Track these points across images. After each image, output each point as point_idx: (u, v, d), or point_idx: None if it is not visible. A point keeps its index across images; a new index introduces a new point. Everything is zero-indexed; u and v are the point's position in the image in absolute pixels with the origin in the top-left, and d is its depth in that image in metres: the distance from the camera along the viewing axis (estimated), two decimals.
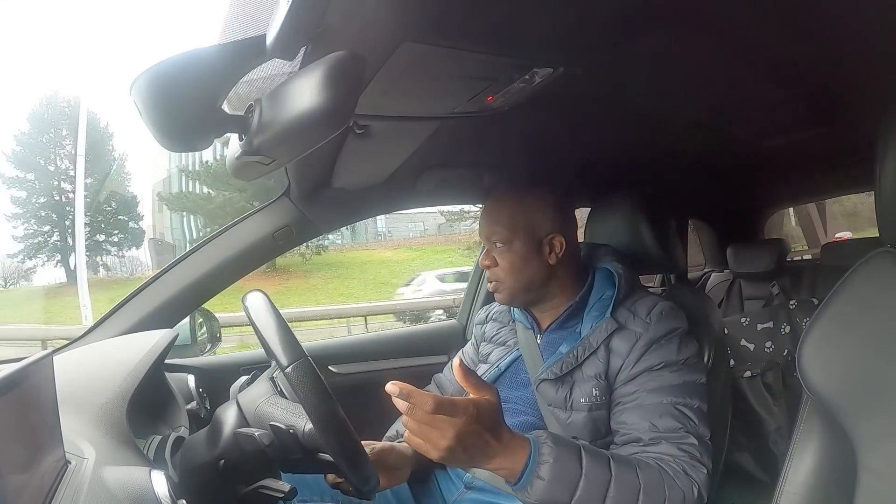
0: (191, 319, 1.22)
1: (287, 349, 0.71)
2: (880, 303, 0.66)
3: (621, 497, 0.75)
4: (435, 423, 0.67)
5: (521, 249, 0.97)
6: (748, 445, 1.59)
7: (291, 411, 0.75)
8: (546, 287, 1.00)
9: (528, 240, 0.98)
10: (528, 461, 0.73)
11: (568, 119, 1.04)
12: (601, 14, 0.62)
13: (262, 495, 0.74)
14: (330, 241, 19.16)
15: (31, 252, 20.16)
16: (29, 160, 20.23)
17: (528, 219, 0.98)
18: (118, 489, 0.56)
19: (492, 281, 1.01)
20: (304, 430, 0.73)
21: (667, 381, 0.87)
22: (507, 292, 1.00)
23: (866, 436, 0.64)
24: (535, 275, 0.98)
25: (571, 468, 0.74)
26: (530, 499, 0.73)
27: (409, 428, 0.69)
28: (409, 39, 0.58)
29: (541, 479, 0.72)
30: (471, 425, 0.68)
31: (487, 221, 1.01)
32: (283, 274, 18.03)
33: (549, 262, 0.98)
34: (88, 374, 0.84)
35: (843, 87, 0.99)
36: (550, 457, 0.73)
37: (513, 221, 0.98)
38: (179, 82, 0.50)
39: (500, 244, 0.99)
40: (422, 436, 0.68)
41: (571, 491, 0.73)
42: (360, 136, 0.90)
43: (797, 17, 0.70)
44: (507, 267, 0.98)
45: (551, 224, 0.99)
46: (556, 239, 0.99)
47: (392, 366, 1.50)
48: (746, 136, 1.26)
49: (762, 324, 1.73)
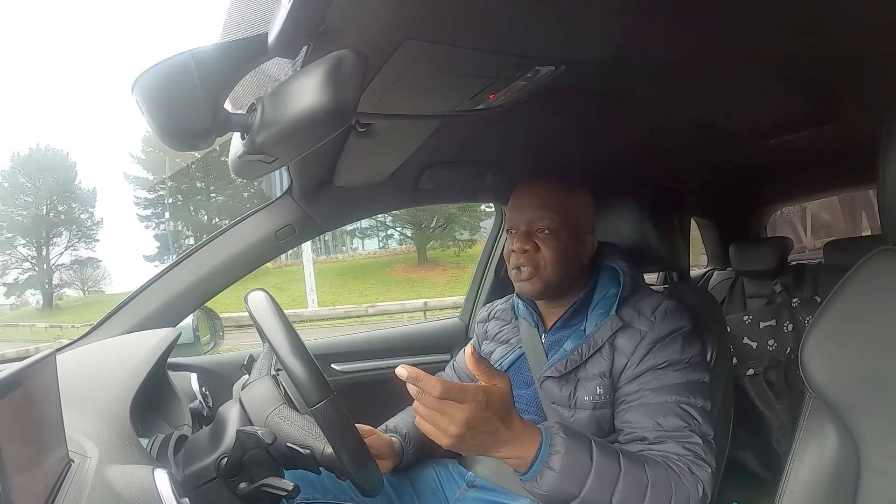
0: (193, 318, 1.22)
1: (314, 385, 0.72)
2: (883, 301, 0.66)
3: (629, 492, 0.74)
4: (444, 408, 0.66)
5: (567, 241, 0.95)
6: (751, 443, 1.59)
7: (306, 429, 0.77)
8: (571, 285, 0.99)
9: (575, 233, 0.96)
10: (538, 451, 0.72)
11: (570, 117, 1.04)
12: (603, 11, 0.62)
13: (265, 493, 0.74)
14: (479, 234, 20.47)
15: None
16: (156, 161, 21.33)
17: (578, 212, 0.97)
18: (121, 488, 0.56)
19: (525, 268, 0.95)
20: (323, 454, 0.75)
21: (671, 380, 0.87)
22: (540, 283, 0.96)
23: (869, 434, 0.64)
24: (570, 270, 0.97)
25: (582, 460, 0.74)
26: (540, 490, 0.73)
27: (420, 413, 0.69)
28: (411, 37, 0.57)
29: (551, 469, 0.72)
30: (481, 412, 0.67)
31: (534, 205, 0.96)
32: (439, 265, 20.82)
33: (582, 260, 0.98)
34: (92, 373, 0.84)
35: (847, 84, 0.98)
36: (562, 447, 0.73)
37: (567, 210, 0.95)
38: (181, 81, 0.50)
39: (547, 231, 0.95)
40: (431, 421, 0.68)
41: (581, 483, 0.73)
42: (362, 134, 0.90)
43: (800, 15, 0.70)
44: (552, 256, 0.94)
45: (591, 222, 0.99)
46: (590, 239, 0.99)
47: (395, 364, 1.49)
48: (749, 134, 1.26)
49: (765, 322, 1.72)
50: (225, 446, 0.75)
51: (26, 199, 24.48)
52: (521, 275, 0.96)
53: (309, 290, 14.97)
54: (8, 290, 25.28)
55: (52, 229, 24.74)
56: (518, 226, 0.97)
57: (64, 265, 25.36)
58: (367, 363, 1.49)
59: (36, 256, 24.64)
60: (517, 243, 0.95)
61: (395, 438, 1.02)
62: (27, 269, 24.78)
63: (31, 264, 24.67)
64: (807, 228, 6.40)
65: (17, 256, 24.70)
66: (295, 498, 0.79)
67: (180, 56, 0.50)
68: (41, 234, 24.51)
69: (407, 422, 1.06)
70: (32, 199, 24.50)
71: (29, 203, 24.51)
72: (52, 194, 24.40)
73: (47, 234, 24.66)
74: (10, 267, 24.76)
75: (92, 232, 25.72)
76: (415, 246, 21.63)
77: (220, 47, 0.53)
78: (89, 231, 25.62)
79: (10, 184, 24.29)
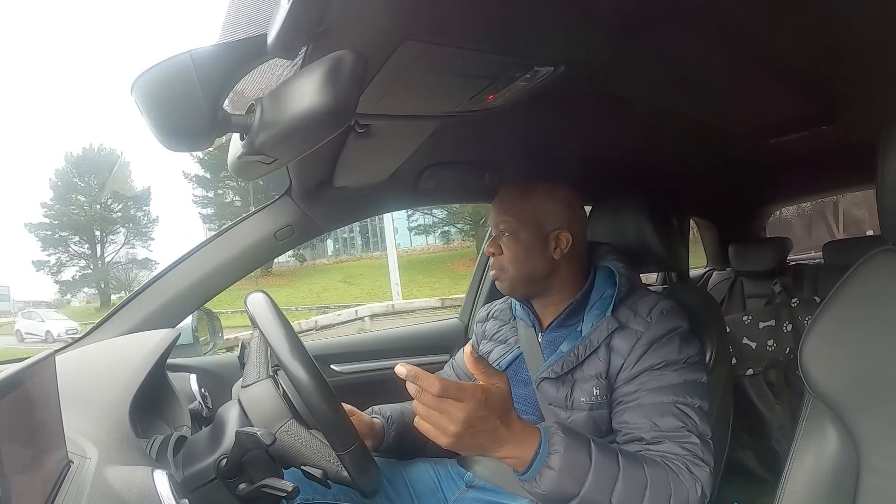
0: (193, 319, 1.22)
1: (342, 433, 0.75)
2: (882, 301, 0.66)
3: (628, 492, 0.74)
4: (443, 406, 0.67)
5: (526, 241, 0.98)
6: (750, 443, 1.59)
7: (318, 450, 0.77)
8: (547, 282, 1.00)
9: (535, 232, 0.98)
10: (537, 450, 0.73)
11: (569, 117, 1.04)
12: (603, 12, 0.62)
13: (265, 494, 0.74)
14: None
15: None
16: (217, 159, 21.74)
17: (537, 211, 0.99)
18: (121, 489, 0.56)
19: (494, 269, 1.03)
20: (338, 475, 0.77)
21: (668, 381, 0.87)
22: (508, 282, 1.01)
23: (869, 434, 0.64)
24: (538, 268, 0.99)
25: (581, 459, 0.74)
26: (539, 489, 0.73)
27: (419, 412, 0.69)
28: (410, 38, 0.57)
29: (550, 468, 0.72)
30: (480, 410, 0.67)
31: (497, 210, 1.02)
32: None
33: (553, 256, 0.99)
34: (91, 374, 0.84)
35: (846, 84, 0.98)
36: (561, 447, 0.73)
37: (521, 212, 0.99)
38: (180, 82, 0.50)
39: (507, 233, 1.00)
40: (430, 420, 0.68)
41: (580, 483, 0.73)
42: (362, 135, 0.90)
43: (800, 15, 0.70)
44: (511, 257, 0.99)
45: (560, 219, 0.99)
46: (563, 234, 0.99)
47: (394, 364, 1.49)
48: (748, 134, 1.26)
49: (764, 322, 1.72)
50: (224, 447, 0.75)
51: (79, 199, 24.77)
52: (493, 275, 1.04)
53: (393, 283, 15.32)
54: (65, 288, 25.49)
55: (109, 227, 25.02)
56: (493, 231, 1.04)
57: (119, 263, 25.76)
58: (366, 363, 1.49)
59: (90, 255, 24.87)
60: (487, 248, 1.04)
61: (377, 419, 1.05)
62: (83, 268, 25.06)
63: (87, 262, 24.92)
64: (839, 224, 6.41)
65: (72, 254, 24.95)
66: (294, 498, 0.79)
67: (179, 57, 0.50)
68: (96, 232, 24.81)
69: (394, 407, 1.09)
70: (85, 199, 24.80)
71: (82, 202, 24.82)
72: (106, 193, 24.68)
73: (102, 233, 24.96)
74: (65, 265, 25.02)
75: (147, 230, 26.03)
76: (472, 241, 21.99)
77: (220, 48, 0.53)
78: (145, 229, 25.93)
79: (64, 183, 24.54)
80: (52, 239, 24.49)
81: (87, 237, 24.84)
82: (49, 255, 24.67)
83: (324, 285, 22.57)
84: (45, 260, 24.72)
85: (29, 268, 24.91)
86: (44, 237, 24.48)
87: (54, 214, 24.54)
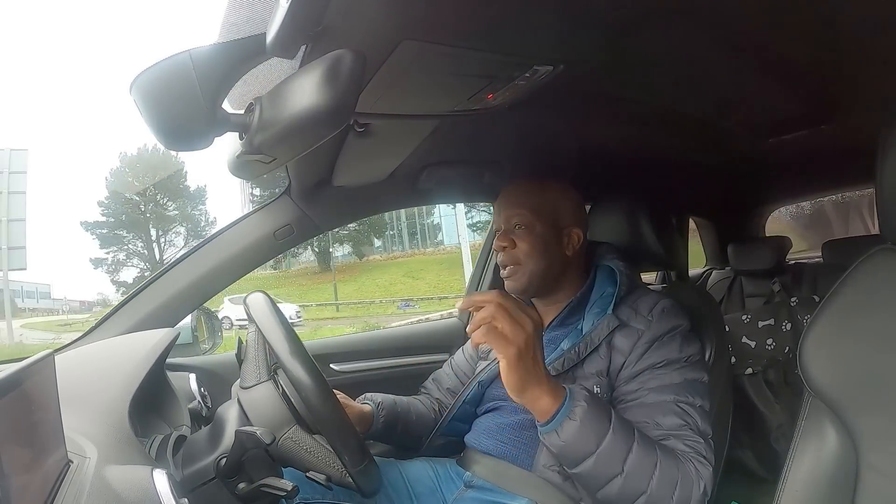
0: (192, 318, 1.22)
1: (354, 450, 0.75)
2: (881, 300, 0.66)
3: (640, 464, 0.76)
4: (518, 313, 0.72)
5: (543, 234, 0.98)
6: (750, 443, 1.59)
7: (322, 457, 0.77)
8: (558, 280, 1.01)
9: (551, 226, 0.99)
10: (564, 401, 0.76)
11: (569, 116, 1.04)
12: (601, 11, 0.62)
13: (264, 494, 0.74)
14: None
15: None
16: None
17: (552, 206, 1.00)
18: (120, 488, 0.56)
19: (507, 265, 1.00)
20: (342, 480, 0.77)
21: (669, 380, 0.87)
22: (524, 277, 0.99)
23: (868, 433, 0.64)
24: (553, 262, 0.99)
25: (602, 419, 0.77)
26: (559, 440, 0.75)
27: (496, 317, 0.71)
28: (409, 37, 0.57)
29: (573, 420, 0.75)
30: (537, 338, 0.73)
31: (508, 203, 1.01)
32: None
33: (566, 252, 1.00)
34: (90, 374, 0.84)
35: (844, 84, 0.98)
36: (584, 402, 0.76)
37: (539, 205, 0.99)
38: (179, 81, 0.50)
39: (521, 226, 0.99)
40: (504, 328, 0.71)
41: (599, 440, 0.75)
42: (361, 134, 0.90)
43: (798, 15, 0.70)
44: (528, 249, 0.98)
45: (571, 216, 1.00)
46: (575, 232, 1.00)
47: (394, 364, 1.50)
48: (747, 134, 1.26)
49: (763, 321, 1.72)
50: (224, 446, 0.75)
51: (134, 198, 24.71)
52: (505, 272, 1.01)
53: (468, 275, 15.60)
54: (122, 287, 25.13)
55: (165, 225, 24.97)
56: (499, 227, 1.02)
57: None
58: (366, 363, 1.49)
59: (148, 255, 24.71)
60: (497, 241, 1.01)
61: (367, 406, 1.05)
62: (143, 270, 24.72)
63: (146, 264, 24.69)
64: (875, 220, 6.41)
65: (129, 252, 24.81)
66: (294, 498, 0.79)
67: (178, 56, 0.50)
68: (151, 231, 24.74)
69: (387, 396, 1.10)
70: (140, 198, 24.74)
71: (137, 201, 24.78)
72: (161, 192, 24.66)
73: (158, 231, 24.90)
74: (123, 265, 24.87)
75: (205, 232, 25.71)
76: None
77: (219, 47, 0.53)
78: (203, 231, 25.68)
79: (119, 182, 24.47)
80: (108, 237, 24.27)
81: (143, 236, 24.68)
82: (107, 254, 24.45)
83: (388, 280, 22.47)
84: (104, 258, 24.50)
85: (73, 267, 24.61)
86: (101, 235, 24.28)
87: (110, 213, 24.43)
